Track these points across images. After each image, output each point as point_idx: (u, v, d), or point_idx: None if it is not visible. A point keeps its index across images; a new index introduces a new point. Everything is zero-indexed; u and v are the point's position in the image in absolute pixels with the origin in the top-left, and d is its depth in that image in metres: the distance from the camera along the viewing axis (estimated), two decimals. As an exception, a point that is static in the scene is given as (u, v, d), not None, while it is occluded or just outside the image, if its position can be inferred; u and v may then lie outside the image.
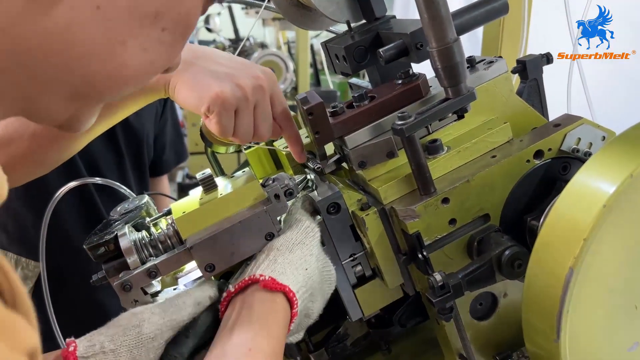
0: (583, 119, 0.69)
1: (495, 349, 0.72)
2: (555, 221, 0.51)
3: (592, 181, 0.51)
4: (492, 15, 0.72)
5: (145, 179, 1.39)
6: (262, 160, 0.85)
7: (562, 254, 0.48)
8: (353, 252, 0.71)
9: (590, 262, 0.48)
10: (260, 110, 0.73)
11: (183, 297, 0.62)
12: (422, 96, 0.70)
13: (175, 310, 0.61)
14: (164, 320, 0.60)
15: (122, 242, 0.64)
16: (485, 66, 0.72)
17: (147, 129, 1.36)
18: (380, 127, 0.69)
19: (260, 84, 0.72)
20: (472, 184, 0.66)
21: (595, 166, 0.51)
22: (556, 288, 0.48)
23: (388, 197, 0.68)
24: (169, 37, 0.45)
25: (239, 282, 0.61)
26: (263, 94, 0.73)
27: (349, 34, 0.81)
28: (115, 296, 0.65)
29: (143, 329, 0.59)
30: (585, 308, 0.49)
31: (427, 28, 0.61)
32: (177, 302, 0.62)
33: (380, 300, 0.74)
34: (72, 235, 1.27)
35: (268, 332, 0.58)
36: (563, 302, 0.47)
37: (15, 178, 0.58)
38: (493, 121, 0.72)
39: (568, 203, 0.51)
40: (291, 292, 0.60)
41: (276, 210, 0.65)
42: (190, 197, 0.71)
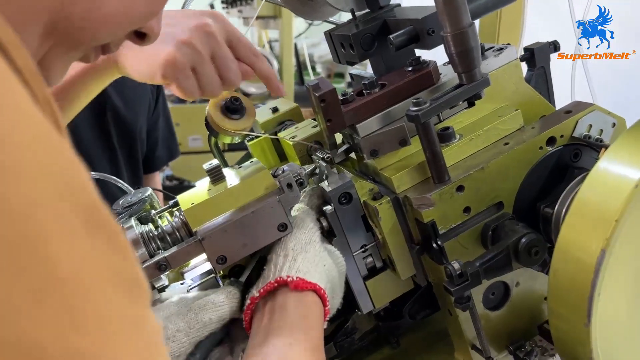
0: (594, 105, 0.68)
1: (508, 339, 0.72)
2: (582, 205, 0.51)
3: (618, 165, 0.50)
4: (501, 2, 0.71)
5: (138, 174, 1.35)
6: (266, 151, 0.83)
7: (592, 238, 0.48)
8: (364, 243, 0.69)
9: (619, 245, 0.47)
10: (219, 58, 0.69)
11: (209, 313, 0.60)
12: (433, 83, 0.69)
13: (201, 327, 0.59)
14: (189, 339, 0.58)
15: (129, 234, 0.62)
16: (495, 53, 0.72)
17: (140, 123, 1.33)
18: (392, 115, 0.68)
19: (208, 31, 0.68)
20: (487, 172, 0.65)
21: (621, 150, 0.51)
22: (587, 272, 0.47)
23: (401, 186, 0.67)
24: None
25: (263, 286, 0.59)
26: (216, 40, 0.69)
27: (354, 22, 0.80)
28: None
29: (170, 348, 0.56)
30: (613, 291, 0.49)
31: (442, 13, 0.60)
32: (202, 318, 0.59)
33: (392, 292, 0.73)
34: None
35: (307, 335, 0.56)
36: (594, 285, 0.47)
37: None
38: (503, 108, 0.71)
39: (594, 187, 0.51)
40: (321, 290, 0.58)
41: (289, 200, 0.63)
42: (197, 188, 0.69)
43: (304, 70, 3.69)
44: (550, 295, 0.54)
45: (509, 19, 1.04)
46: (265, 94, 3.22)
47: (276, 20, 3.21)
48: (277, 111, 0.88)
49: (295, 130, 0.81)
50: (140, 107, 1.32)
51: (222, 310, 0.61)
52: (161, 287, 0.66)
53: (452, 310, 0.69)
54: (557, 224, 0.65)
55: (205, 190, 0.66)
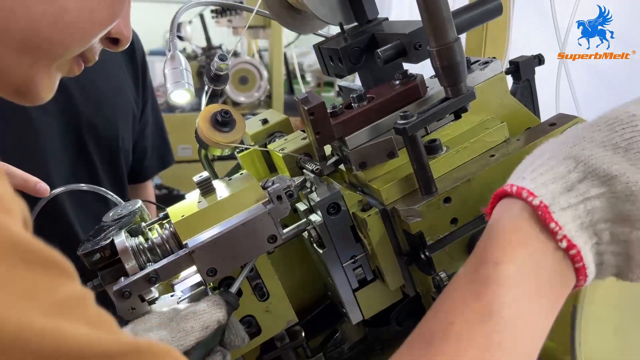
0: (577, 117, 0.70)
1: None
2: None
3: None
4: (487, 16, 0.73)
5: (123, 188, 1.33)
6: (256, 163, 0.84)
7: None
8: (354, 254, 0.70)
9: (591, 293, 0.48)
10: None
11: (191, 321, 0.60)
12: (420, 96, 0.70)
13: (183, 335, 0.59)
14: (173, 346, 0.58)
15: (119, 247, 0.62)
16: (481, 67, 0.73)
17: (121, 134, 1.31)
18: (380, 128, 0.69)
19: None
20: (473, 184, 0.66)
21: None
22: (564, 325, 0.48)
23: (389, 198, 0.68)
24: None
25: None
26: None
27: (342, 36, 0.81)
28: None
29: None
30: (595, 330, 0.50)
31: (428, 28, 0.61)
32: (184, 327, 0.59)
33: (381, 302, 0.74)
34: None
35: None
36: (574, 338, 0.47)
37: None
38: (489, 121, 0.72)
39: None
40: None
41: (279, 211, 0.64)
42: (188, 200, 0.70)
43: (294, 79, 3.70)
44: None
45: (495, 32, 1.06)
46: (255, 102, 3.23)
47: (265, 30, 3.23)
48: (266, 123, 0.89)
49: (284, 142, 0.81)
50: (122, 119, 1.30)
51: (204, 318, 0.61)
52: (151, 300, 0.66)
53: (441, 320, 0.70)
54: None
55: (195, 203, 0.67)
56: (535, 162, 0.49)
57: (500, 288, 0.44)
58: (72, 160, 1.22)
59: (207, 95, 0.80)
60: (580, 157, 0.46)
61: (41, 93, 0.52)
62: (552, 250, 0.45)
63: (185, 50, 3.93)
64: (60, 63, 0.52)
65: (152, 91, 1.47)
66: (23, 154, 1.13)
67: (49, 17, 0.46)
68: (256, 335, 0.70)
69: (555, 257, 0.45)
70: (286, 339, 0.75)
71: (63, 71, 0.55)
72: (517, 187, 0.47)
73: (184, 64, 0.91)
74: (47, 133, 1.16)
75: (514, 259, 0.45)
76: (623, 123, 0.46)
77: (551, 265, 0.45)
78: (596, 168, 0.45)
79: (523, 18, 1.15)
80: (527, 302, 0.44)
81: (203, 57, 3.53)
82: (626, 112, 0.46)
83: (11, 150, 1.12)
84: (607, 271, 0.46)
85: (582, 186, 0.45)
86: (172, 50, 0.82)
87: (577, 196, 0.45)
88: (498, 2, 0.72)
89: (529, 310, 0.44)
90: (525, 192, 0.46)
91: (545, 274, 0.45)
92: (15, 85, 0.50)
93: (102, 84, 1.27)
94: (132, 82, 1.36)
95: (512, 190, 0.48)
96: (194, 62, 3.44)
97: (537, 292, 0.44)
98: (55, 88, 0.54)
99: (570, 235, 0.44)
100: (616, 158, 0.45)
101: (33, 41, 0.47)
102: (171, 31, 0.82)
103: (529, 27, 1.19)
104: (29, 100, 0.52)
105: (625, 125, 0.46)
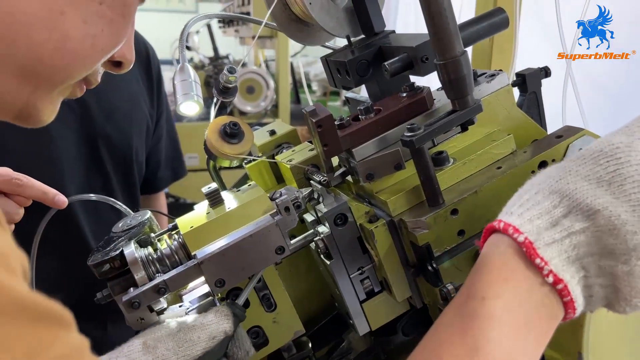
0: (584, 130, 0.70)
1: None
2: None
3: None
4: (493, 29, 0.73)
5: (135, 199, 1.35)
6: (263, 174, 0.85)
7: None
8: (361, 265, 0.70)
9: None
10: None
11: (198, 332, 0.61)
12: (427, 108, 0.70)
13: (190, 345, 0.60)
14: (178, 357, 0.59)
15: (128, 257, 0.63)
16: (487, 79, 0.74)
17: (135, 145, 1.33)
18: (387, 140, 0.70)
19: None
20: (480, 195, 0.66)
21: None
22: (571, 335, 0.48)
23: (397, 209, 0.68)
24: (108, 12, 0.48)
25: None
26: None
27: (349, 48, 0.81)
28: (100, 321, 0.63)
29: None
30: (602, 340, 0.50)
31: (435, 41, 0.62)
32: (191, 337, 0.60)
33: (387, 313, 0.74)
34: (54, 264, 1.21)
35: None
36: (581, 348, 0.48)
37: None
38: (496, 133, 0.73)
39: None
40: None
41: (286, 223, 0.65)
42: (196, 211, 0.70)
43: (300, 89, 3.72)
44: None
45: (501, 43, 1.06)
46: (261, 112, 3.25)
47: (272, 39, 3.25)
48: (274, 134, 0.90)
49: (292, 153, 0.82)
50: (136, 131, 1.32)
51: (211, 329, 0.62)
52: (160, 310, 0.67)
53: (448, 332, 0.70)
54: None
55: (204, 214, 0.67)
56: (524, 196, 0.50)
57: (487, 323, 0.44)
58: (86, 170, 1.24)
59: (215, 107, 0.81)
60: (565, 192, 0.47)
61: (43, 117, 0.52)
62: (539, 285, 0.45)
63: (193, 59, 3.96)
64: (62, 87, 0.52)
65: (167, 104, 1.49)
66: (40, 163, 1.15)
67: (51, 44, 0.46)
68: (263, 345, 0.71)
69: (543, 292, 0.46)
70: (293, 350, 0.75)
71: (65, 94, 0.55)
72: (504, 224, 0.48)
73: (192, 76, 0.92)
74: (63, 143, 1.18)
75: (500, 294, 0.45)
76: (607, 156, 0.46)
77: (538, 300, 0.45)
78: (580, 202, 0.46)
79: (529, 28, 1.15)
80: (514, 336, 0.44)
81: (210, 66, 3.55)
82: (610, 144, 0.47)
83: (28, 159, 1.14)
84: (597, 303, 0.47)
85: (566, 221, 0.46)
86: (181, 62, 0.83)
87: (562, 231, 0.45)
88: (504, 15, 0.73)
89: (516, 344, 0.44)
90: (511, 228, 0.47)
91: (533, 308, 0.45)
92: (16, 111, 0.50)
93: (118, 96, 1.29)
94: (147, 95, 1.38)
95: (499, 226, 0.49)
96: (201, 71, 3.46)
97: (525, 326, 0.45)
98: (57, 111, 0.54)
99: (557, 269, 0.45)
100: (600, 191, 0.45)
101: (35, 68, 0.47)
102: (180, 43, 0.83)
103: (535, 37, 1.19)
104: (31, 123, 0.52)
105: (609, 158, 0.46)
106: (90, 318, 1.23)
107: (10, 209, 0.83)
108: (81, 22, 0.46)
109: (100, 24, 0.48)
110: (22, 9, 0.43)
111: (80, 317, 1.21)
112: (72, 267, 1.20)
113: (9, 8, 0.42)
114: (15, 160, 0.96)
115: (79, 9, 0.46)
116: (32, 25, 0.44)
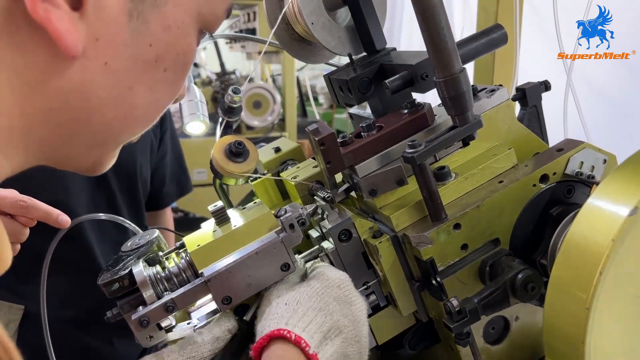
0: (585, 143, 0.71)
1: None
2: (572, 244, 0.53)
3: (606, 203, 0.52)
4: (492, 45, 0.74)
5: (141, 215, 1.37)
6: (269, 190, 0.86)
7: (580, 283, 0.50)
8: (366, 280, 0.71)
9: (610, 280, 0.49)
10: None
11: (202, 335, 0.63)
12: (428, 125, 0.71)
13: (194, 347, 0.61)
14: (183, 358, 0.60)
15: (137, 277, 0.64)
16: (488, 95, 0.75)
17: (140, 163, 1.35)
18: (389, 156, 0.71)
19: None
20: (482, 209, 0.67)
21: (608, 188, 0.53)
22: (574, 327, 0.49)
23: (400, 225, 0.69)
24: (171, 75, 0.49)
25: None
26: None
27: (351, 66, 0.83)
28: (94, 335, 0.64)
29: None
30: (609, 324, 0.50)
31: (434, 59, 0.63)
32: (195, 340, 0.62)
33: (393, 327, 0.75)
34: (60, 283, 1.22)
35: None
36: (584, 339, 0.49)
37: None
38: (497, 147, 0.74)
39: (583, 225, 0.53)
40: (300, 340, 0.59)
41: (291, 240, 0.65)
42: (203, 230, 0.72)
43: (307, 102, 3.75)
44: (546, 331, 0.56)
45: (502, 57, 1.07)
46: (268, 126, 3.28)
47: (278, 54, 3.28)
48: (279, 151, 0.91)
49: (297, 170, 0.83)
50: (140, 149, 1.34)
51: (214, 331, 0.64)
52: (168, 327, 0.68)
53: (453, 346, 0.71)
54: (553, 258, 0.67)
55: (210, 232, 0.68)
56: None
57: None
58: (92, 188, 1.26)
59: (221, 126, 0.82)
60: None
61: (106, 167, 0.55)
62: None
63: (200, 75, 4.00)
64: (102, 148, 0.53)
65: (171, 121, 1.51)
66: (46, 182, 1.17)
67: (121, 116, 0.47)
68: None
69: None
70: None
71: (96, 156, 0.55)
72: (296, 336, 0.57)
73: (199, 96, 0.94)
74: None
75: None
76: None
77: None
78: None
79: (529, 29, 1.15)
80: None
81: (217, 82, 3.59)
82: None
83: (34, 178, 1.16)
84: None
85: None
86: (188, 83, 0.85)
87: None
88: (503, 32, 0.74)
89: None
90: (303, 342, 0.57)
91: None
92: (83, 170, 0.52)
93: None
94: None
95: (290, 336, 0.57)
96: (209, 87, 3.50)
97: None
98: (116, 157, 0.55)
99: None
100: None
101: (104, 138, 0.49)
102: (187, 64, 0.85)
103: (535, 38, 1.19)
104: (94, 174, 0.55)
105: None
106: (98, 333, 1.24)
107: (16, 230, 0.87)
108: (148, 91, 0.48)
109: (164, 88, 0.49)
110: (96, 94, 0.44)
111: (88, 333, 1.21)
112: (80, 284, 1.22)
113: (84, 94, 0.44)
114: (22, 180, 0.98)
115: (145, 81, 0.47)
116: (105, 105, 0.45)
